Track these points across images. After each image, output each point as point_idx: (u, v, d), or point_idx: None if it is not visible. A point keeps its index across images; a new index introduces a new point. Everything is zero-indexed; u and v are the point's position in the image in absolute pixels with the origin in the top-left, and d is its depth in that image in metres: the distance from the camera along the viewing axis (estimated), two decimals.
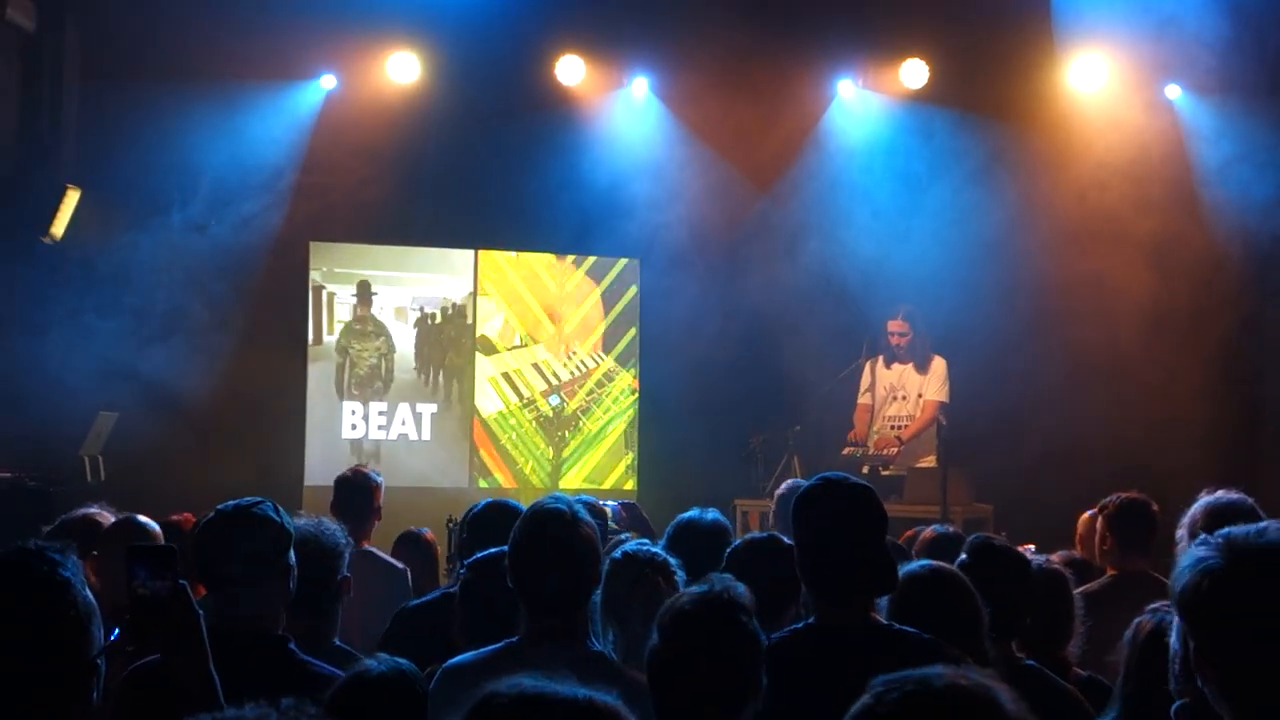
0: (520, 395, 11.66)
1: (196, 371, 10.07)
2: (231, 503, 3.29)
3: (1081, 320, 10.78)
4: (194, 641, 2.72)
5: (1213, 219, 10.61)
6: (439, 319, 11.51)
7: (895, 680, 1.78)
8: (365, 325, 11.33)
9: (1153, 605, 3.27)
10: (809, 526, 3.34)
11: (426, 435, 11.41)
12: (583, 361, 11.84)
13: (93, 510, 4.95)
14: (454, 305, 11.54)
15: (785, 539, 4.04)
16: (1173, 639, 2.96)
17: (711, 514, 4.75)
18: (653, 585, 3.69)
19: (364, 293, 11.33)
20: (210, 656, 2.74)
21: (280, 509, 3.31)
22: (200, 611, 2.74)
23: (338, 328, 11.26)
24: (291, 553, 3.29)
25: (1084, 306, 10.78)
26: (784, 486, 6.87)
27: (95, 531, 4.69)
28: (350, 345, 11.28)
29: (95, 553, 4.52)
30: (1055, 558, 5.46)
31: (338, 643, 3.75)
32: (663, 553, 3.90)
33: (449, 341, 11.52)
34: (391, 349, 11.37)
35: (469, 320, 11.56)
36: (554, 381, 11.76)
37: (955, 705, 1.73)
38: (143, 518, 4.75)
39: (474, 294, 11.57)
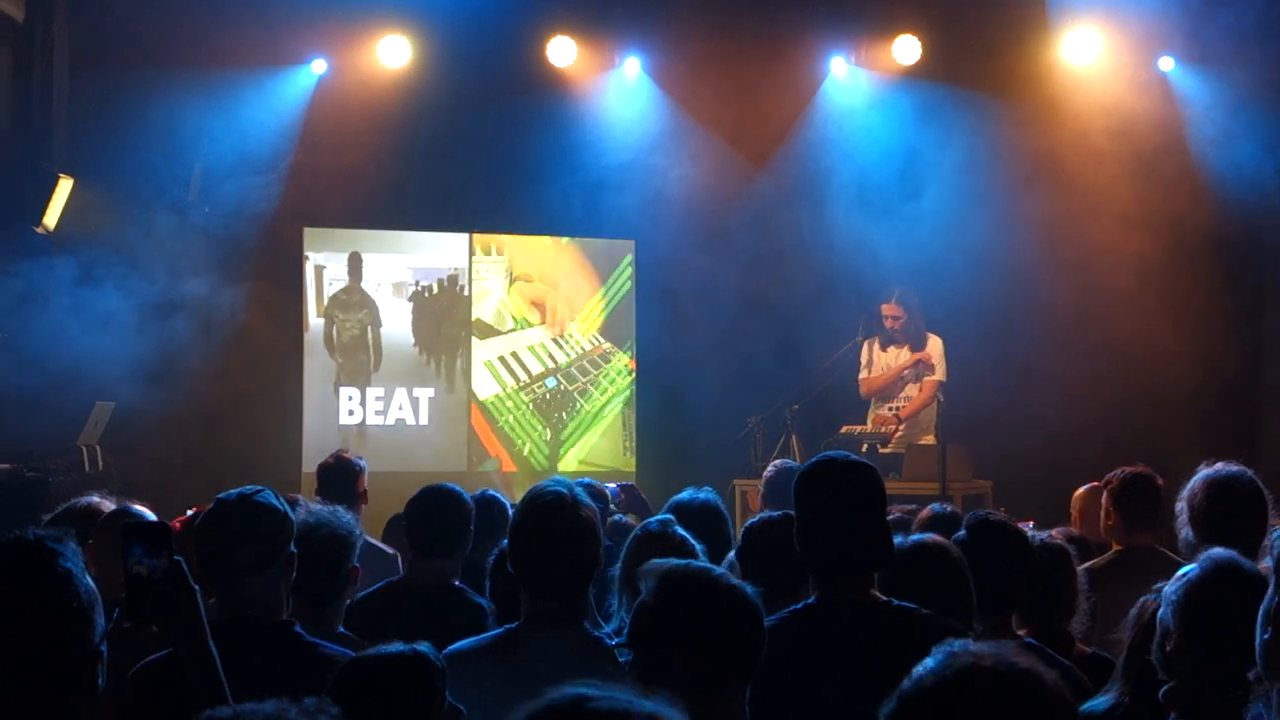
0: (517, 378, 11.65)
1: (192, 359, 10.05)
2: (234, 491, 3.29)
3: (1077, 294, 10.78)
4: (191, 617, 2.72)
5: (1207, 191, 10.59)
6: (436, 293, 11.48)
7: (944, 658, 1.77)
8: (352, 295, 11.29)
9: (1158, 585, 3.26)
10: (810, 505, 3.32)
11: (424, 420, 11.39)
12: (579, 343, 11.82)
13: (94, 499, 4.93)
14: (449, 284, 11.51)
15: None
16: (1162, 611, 2.96)
17: (705, 494, 4.75)
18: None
19: (354, 265, 11.30)
20: (209, 632, 2.74)
21: (281, 497, 3.31)
22: (196, 588, 2.74)
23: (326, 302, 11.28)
24: (292, 541, 3.29)
25: (1079, 280, 10.78)
26: (771, 468, 6.83)
27: (97, 519, 4.66)
28: (335, 314, 11.26)
29: (90, 541, 4.51)
30: (1055, 534, 5.46)
31: (342, 630, 3.76)
32: (685, 533, 3.89)
33: (445, 318, 11.49)
34: (377, 321, 11.32)
35: (464, 301, 11.54)
36: (550, 364, 11.74)
37: (1004, 684, 1.72)
38: (138, 506, 4.74)
39: (469, 277, 11.55)
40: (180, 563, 2.71)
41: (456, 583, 4.58)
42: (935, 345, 10.04)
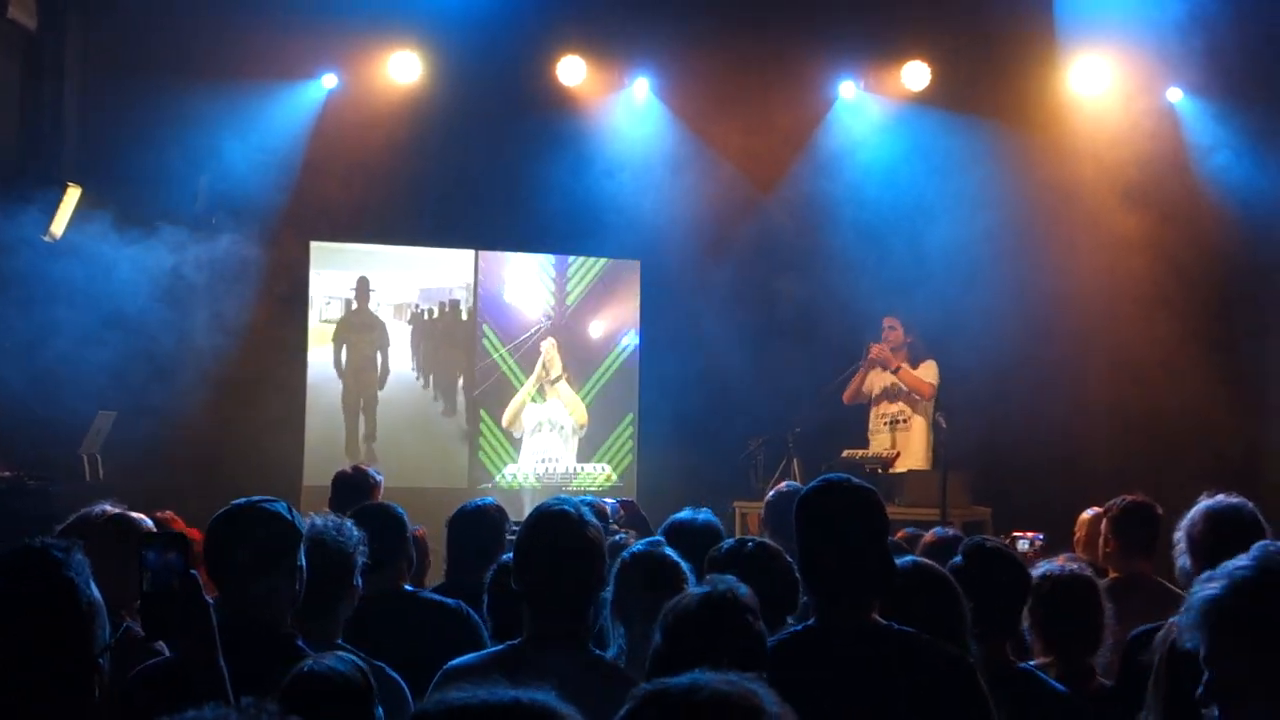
0: (520, 395, 11.64)
1: (196, 370, 10.05)
2: (245, 498, 3.32)
3: (1082, 321, 10.78)
4: (204, 631, 2.74)
5: (1215, 221, 10.60)
6: (437, 315, 11.51)
7: (658, 689, 1.74)
8: (363, 317, 11.34)
9: (1170, 620, 3.26)
10: (811, 528, 3.28)
11: (426, 435, 11.38)
12: (583, 362, 11.82)
13: (107, 508, 4.92)
14: (453, 303, 11.53)
15: (773, 547, 4.01)
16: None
17: (704, 515, 4.72)
18: (663, 587, 3.67)
19: (362, 289, 11.34)
20: (220, 648, 2.75)
21: (294, 510, 3.32)
22: (210, 601, 2.75)
23: (329, 329, 11.29)
24: (301, 554, 3.30)
25: (1085, 308, 10.78)
26: (774, 491, 6.79)
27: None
28: (349, 336, 11.29)
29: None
30: (1062, 560, 5.45)
31: (341, 642, 3.75)
32: (674, 554, 3.87)
33: (447, 339, 11.51)
34: (386, 342, 11.38)
35: (468, 319, 11.55)
36: (554, 381, 11.73)
37: (718, 712, 1.69)
38: (136, 514, 4.74)
39: (474, 294, 11.57)
40: (195, 576, 2.74)
41: (407, 587, 4.68)
42: (930, 366, 10.08)
